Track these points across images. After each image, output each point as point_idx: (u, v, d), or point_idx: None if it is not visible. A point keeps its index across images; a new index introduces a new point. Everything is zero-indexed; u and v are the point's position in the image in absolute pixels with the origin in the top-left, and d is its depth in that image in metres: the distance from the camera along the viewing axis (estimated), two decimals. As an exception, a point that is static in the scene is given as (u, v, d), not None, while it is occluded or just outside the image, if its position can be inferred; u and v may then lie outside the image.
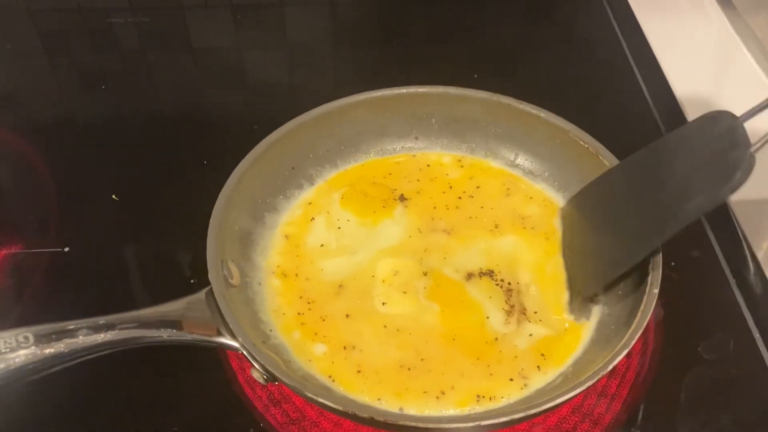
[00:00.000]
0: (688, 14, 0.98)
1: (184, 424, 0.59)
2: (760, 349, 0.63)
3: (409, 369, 0.58)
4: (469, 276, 0.64)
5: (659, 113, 0.86)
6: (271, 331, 0.61)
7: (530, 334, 0.60)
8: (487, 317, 0.61)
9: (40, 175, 0.80)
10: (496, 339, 0.60)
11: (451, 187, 0.72)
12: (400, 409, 0.56)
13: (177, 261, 0.70)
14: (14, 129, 0.86)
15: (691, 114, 0.83)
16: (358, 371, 0.58)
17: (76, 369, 0.53)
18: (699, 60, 0.93)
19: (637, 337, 0.54)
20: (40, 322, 0.60)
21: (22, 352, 0.49)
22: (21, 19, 1.02)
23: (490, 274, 0.64)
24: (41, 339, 0.50)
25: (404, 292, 0.63)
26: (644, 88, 0.89)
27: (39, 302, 0.67)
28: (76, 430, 0.59)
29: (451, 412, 0.56)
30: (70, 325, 0.51)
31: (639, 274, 0.59)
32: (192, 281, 0.67)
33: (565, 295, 0.63)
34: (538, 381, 0.58)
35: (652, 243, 0.57)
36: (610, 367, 0.52)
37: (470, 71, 0.91)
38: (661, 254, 0.58)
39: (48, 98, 0.92)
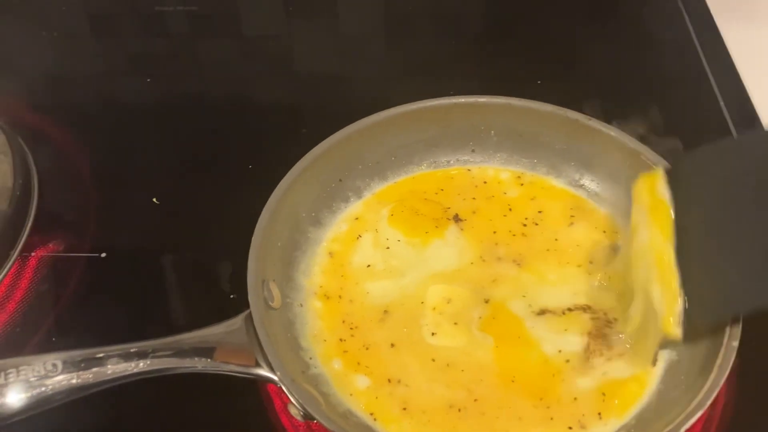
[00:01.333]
0: None
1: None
2: None
3: (459, 410, 0.54)
4: (543, 312, 0.59)
5: (737, 132, 0.79)
6: (311, 359, 0.57)
7: (604, 372, 0.56)
8: (559, 350, 0.57)
9: (82, 172, 0.77)
10: (554, 375, 0.55)
11: (510, 210, 0.67)
12: (447, 457, 0.52)
13: (217, 274, 0.66)
14: (60, 118, 0.83)
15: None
16: (404, 409, 0.55)
17: (105, 392, 0.50)
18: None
19: (712, 398, 0.49)
20: (73, 335, 0.58)
21: (50, 381, 0.47)
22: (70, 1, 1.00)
23: (584, 308, 0.59)
24: (70, 367, 0.48)
25: (455, 324, 0.59)
26: (721, 102, 0.82)
27: (73, 310, 0.65)
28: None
29: (501, 463, 0.52)
30: (101, 353, 0.49)
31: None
32: (232, 296, 0.64)
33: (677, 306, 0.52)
34: (598, 432, 0.53)
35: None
36: (682, 431, 0.48)
37: (531, 73, 0.86)
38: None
39: (94, 89, 0.89)
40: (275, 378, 0.51)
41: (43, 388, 0.47)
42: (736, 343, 0.51)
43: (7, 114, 0.77)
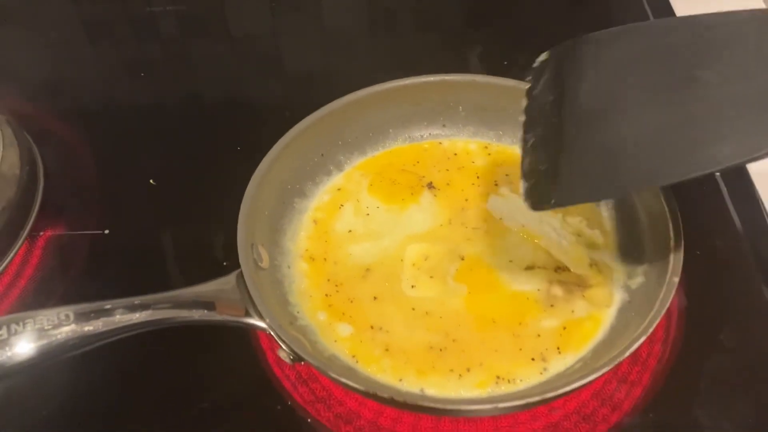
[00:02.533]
0: (727, 6, 0.95)
1: (215, 401, 0.62)
2: (784, 338, 0.63)
3: (440, 350, 0.60)
4: (513, 263, 0.65)
5: None
6: (298, 312, 0.63)
7: (565, 313, 0.62)
8: (527, 294, 0.63)
9: (83, 161, 0.83)
10: (523, 314, 0.62)
11: (478, 177, 0.73)
12: (421, 390, 0.58)
13: (210, 244, 0.72)
14: (59, 116, 0.89)
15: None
16: (386, 350, 0.60)
17: (113, 348, 0.56)
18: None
19: (655, 325, 0.54)
20: (81, 302, 0.63)
21: (64, 329, 0.52)
22: (64, 8, 1.06)
23: (549, 259, 0.66)
24: (81, 317, 0.53)
25: (431, 277, 0.65)
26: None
27: (80, 282, 0.71)
28: (112, 405, 0.62)
29: (471, 394, 0.57)
30: (108, 304, 0.54)
31: (660, 262, 0.60)
32: (224, 263, 0.69)
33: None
34: (558, 366, 0.59)
35: (651, 180, 0.49)
36: (627, 354, 0.53)
37: (501, 58, 0.92)
38: (682, 242, 0.59)
39: (91, 86, 0.94)
40: (265, 325, 0.57)
41: (57, 336, 0.52)
42: (676, 279, 0.57)
43: (11, 110, 0.82)
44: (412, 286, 0.64)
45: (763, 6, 0.94)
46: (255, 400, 0.63)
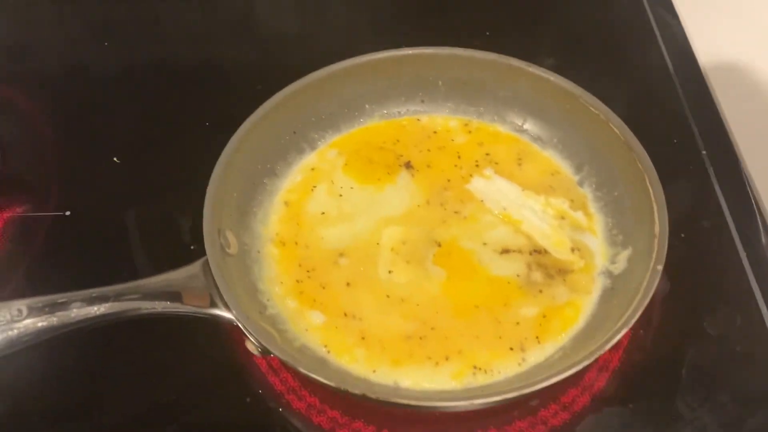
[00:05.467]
0: (733, 7, 0.90)
1: (184, 391, 0.60)
2: (768, 325, 0.62)
3: (420, 338, 0.58)
4: (490, 246, 0.63)
5: (679, 79, 0.82)
6: (268, 300, 0.61)
7: (553, 297, 0.60)
8: (507, 280, 0.61)
9: (44, 134, 0.79)
10: (504, 300, 0.60)
11: (459, 157, 0.70)
12: (395, 382, 0.56)
13: (177, 226, 0.69)
14: (19, 85, 0.85)
15: (714, 81, 0.80)
16: (362, 338, 0.58)
17: (77, 336, 0.53)
18: (725, 22, 0.87)
19: (637, 316, 0.53)
20: (41, 288, 0.60)
21: (17, 325, 0.50)
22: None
23: (529, 242, 0.64)
24: (34, 312, 0.51)
25: (408, 262, 0.62)
26: (665, 52, 0.85)
27: (40, 267, 0.68)
28: (75, 398, 0.60)
29: (446, 386, 0.55)
30: (63, 298, 0.51)
31: (645, 248, 0.58)
32: (192, 247, 0.66)
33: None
34: (537, 356, 0.57)
35: None
36: (608, 347, 0.52)
37: (483, 29, 0.89)
38: (667, 230, 0.56)
39: (52, 51, 0.91)
40: (231, 317, 0.54)
41: (9, 332, 0.49)
42: (660, 267, 0.55)
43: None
44: (390, 272, 0.62)
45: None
46: (224, 390, 0.61)
